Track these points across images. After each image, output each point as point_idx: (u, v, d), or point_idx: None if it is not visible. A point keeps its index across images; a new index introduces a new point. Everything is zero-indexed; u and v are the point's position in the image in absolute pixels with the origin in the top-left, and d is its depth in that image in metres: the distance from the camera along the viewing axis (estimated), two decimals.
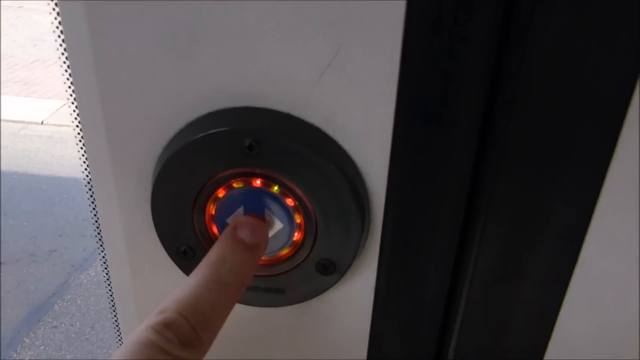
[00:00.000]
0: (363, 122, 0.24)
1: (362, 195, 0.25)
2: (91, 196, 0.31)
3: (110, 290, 0.34)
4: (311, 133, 0.24)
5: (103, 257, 0.33)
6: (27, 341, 2.08)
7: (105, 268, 0.33)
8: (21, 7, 5.65)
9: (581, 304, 0.27)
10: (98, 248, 0.33)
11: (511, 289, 0.27)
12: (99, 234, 0.32)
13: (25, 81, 4.53)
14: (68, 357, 2.03)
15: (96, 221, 0.32)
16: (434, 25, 0.22)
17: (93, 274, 2.42)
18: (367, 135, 0.24)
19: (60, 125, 3.85)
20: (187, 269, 0.29)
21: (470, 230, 0.27)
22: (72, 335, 2.12)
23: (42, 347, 2.06)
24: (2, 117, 4.31)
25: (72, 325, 2.17)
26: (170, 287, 0.25)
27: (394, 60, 0.23)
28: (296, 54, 0.23)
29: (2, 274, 2.44)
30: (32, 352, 2.03)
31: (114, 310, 0.36)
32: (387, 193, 0.26)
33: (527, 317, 0.28)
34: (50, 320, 2.18)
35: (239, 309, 0.29)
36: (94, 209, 0.31)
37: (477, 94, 0.23)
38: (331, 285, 0.28)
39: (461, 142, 0.24)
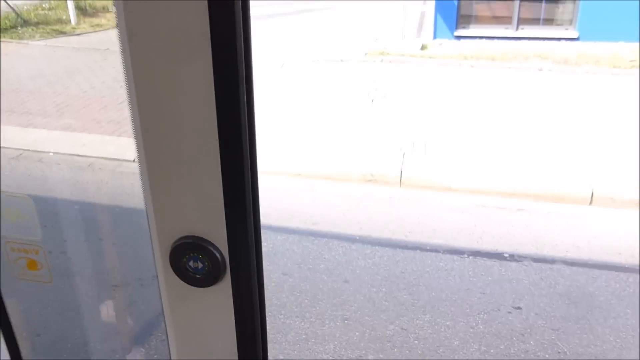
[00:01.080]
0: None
1: (220, 252, 0.77)
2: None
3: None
4: (206, 242, 0.78)
5: None
6: (144, 351, 2.61)
7: None
8: (107, 49, 5.77)
9: None
10: None
11: None
12: None
13: (116, 121, 4.91)
14: None
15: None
16: None
17: None
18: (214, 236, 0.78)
19: None
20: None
21: None
22: None
23: (155, 355, 2.59)
24: (100, 155, 4.82)
25: None
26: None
27: None
28: None
29: (115, 295, 2.94)
30: None
31: None
32: (228, 251, 0.77)
33: None
34: (160, 334, 2.65)
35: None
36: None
37: None
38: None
39: None
